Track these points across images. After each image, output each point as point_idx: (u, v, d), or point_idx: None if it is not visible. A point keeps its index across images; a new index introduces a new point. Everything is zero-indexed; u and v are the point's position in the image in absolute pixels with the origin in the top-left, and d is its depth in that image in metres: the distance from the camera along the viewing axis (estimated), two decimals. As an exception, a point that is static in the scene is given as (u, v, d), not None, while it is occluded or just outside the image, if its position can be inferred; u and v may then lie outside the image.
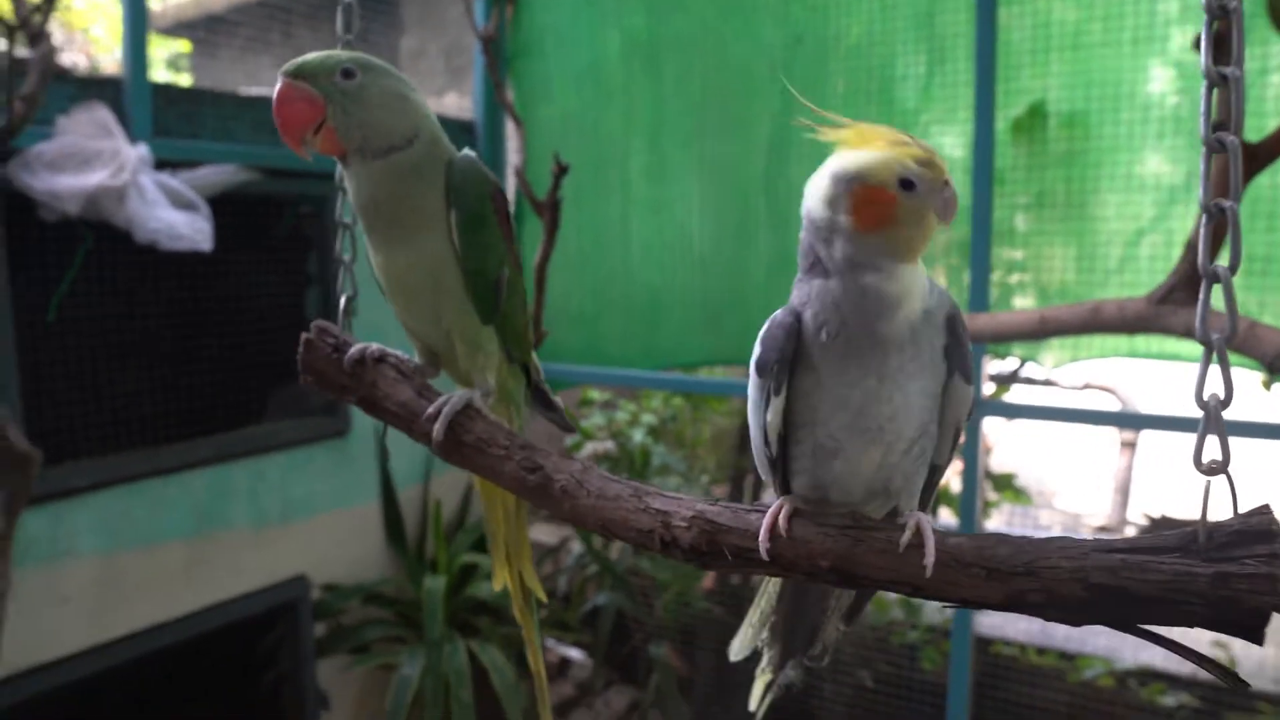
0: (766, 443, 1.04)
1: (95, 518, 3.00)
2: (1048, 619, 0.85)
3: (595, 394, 5.08)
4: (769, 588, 1.21)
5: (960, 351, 1.00)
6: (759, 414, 1.03)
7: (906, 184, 0.93)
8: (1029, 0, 2.97)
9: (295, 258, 3.67)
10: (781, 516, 0.96)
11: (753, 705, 1.25)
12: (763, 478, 1.10)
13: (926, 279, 0.99)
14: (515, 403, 1.35)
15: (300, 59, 1.13)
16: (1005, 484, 4.57)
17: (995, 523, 5.03)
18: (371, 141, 1.14)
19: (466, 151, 1.22)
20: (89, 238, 2.91)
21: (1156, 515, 4.00)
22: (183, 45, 6.13)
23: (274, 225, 3.61)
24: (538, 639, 1.44)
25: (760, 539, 0.96)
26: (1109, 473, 5.77)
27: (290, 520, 3.58)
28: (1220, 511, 0.82)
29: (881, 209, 0.93)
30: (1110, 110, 2.89)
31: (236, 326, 3.52)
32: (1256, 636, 0.78)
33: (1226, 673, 0.84)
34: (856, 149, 0.97)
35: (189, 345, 3.39)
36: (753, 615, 1.23)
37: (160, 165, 2.93)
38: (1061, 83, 2.96)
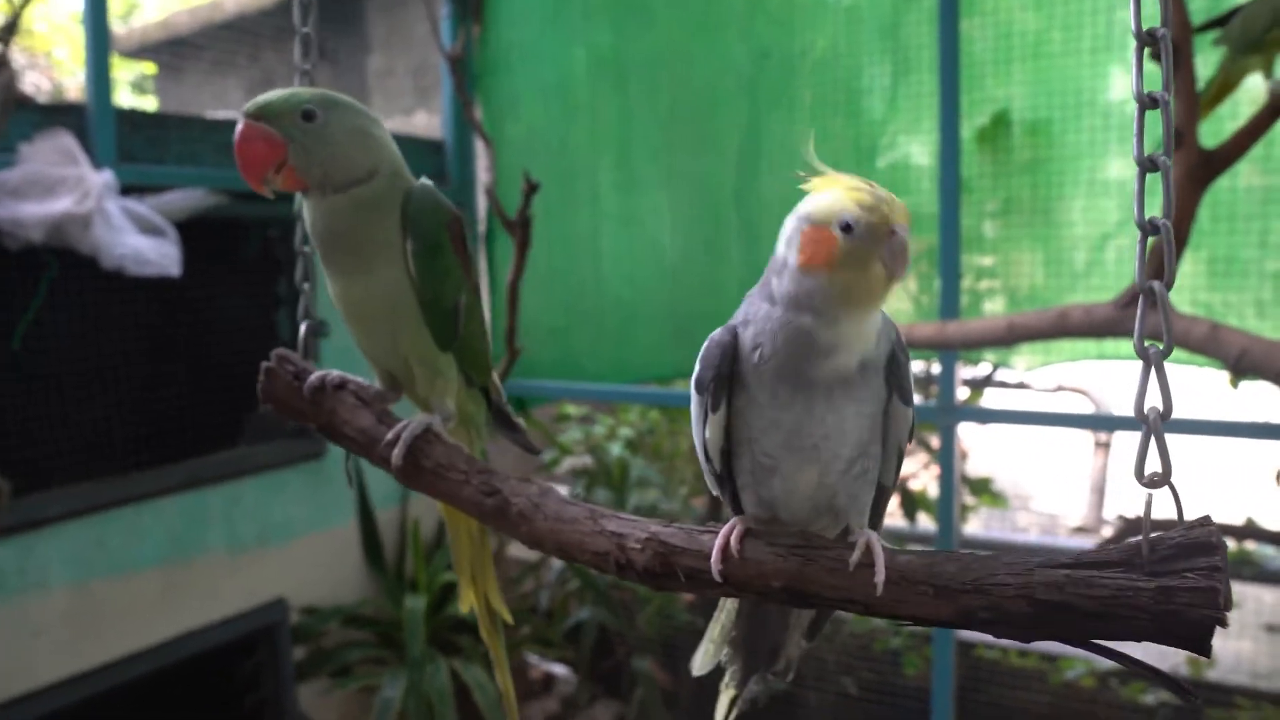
0: (709, 458, 1.06)
1: (67, 548, 2.96)
2: (997, 635, 0.85)
3: (572, 409, 5.08)
4: (728, 604, 1.22)
5: (898, 375, 0.99)
6: (700, 430, 1.05)
7: (846, 227, 0.91)
8: (990, 11, 3.01)
9: (264, 280, 3.65)
10: (733, 538, 0.97)
11: (718, 718, 1.25)
12: (714, 493, 1.11)
13: (877, 325, 0.97)
14: (476, 425, 1.36)
15: (262, 99, 1.14)
16: (982, 488, 4.60)
17: (973, 527, 5.06)
18: (332, 177, 1.15)
19: (424, 181, 1.23)
20: (54, 265, 2.88)
21: (1131, 516, 4.03)
22: (147, 68, 6.09)
23: (242, 248, 3.59)
24: (505, 659, 1.44)
25: (712, 560, 0.97)
26: (1084, 473, 5.82)
27: (267, 544, 3.55)
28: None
29: (820, 249, 0.93)
30: (1072, 118, 2.93)
31: (207, 350, 3.49)
32: (1203, 649, 0.77)
33: (1179, 686, 0.84)
34: (821, 192, 0.98)
35: (159, 370, 3.36)
36: (713, 630, 1.23)
37: (126, 190, 2.91)
38: (1024, 91, 3.00)
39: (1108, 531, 5.40)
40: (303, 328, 1.36)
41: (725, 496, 1.10)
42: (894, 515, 4.41)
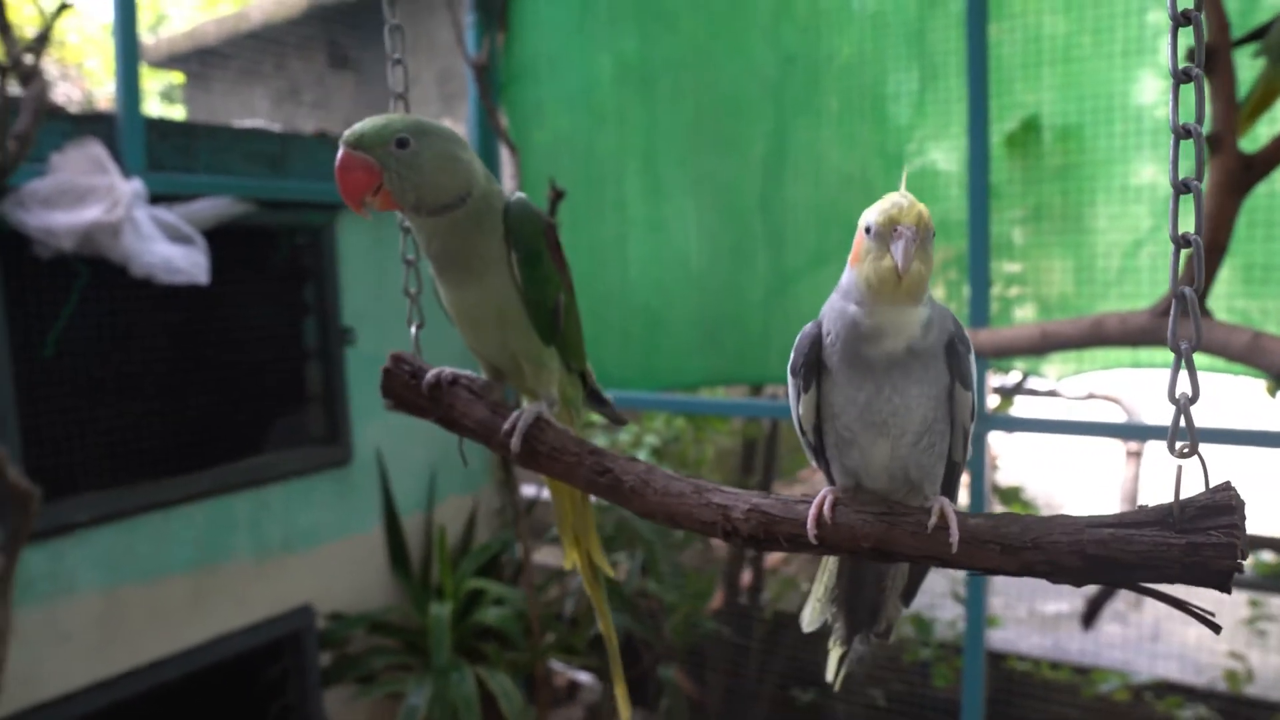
0: (804, 432, 1.22)
1: (96, 553, 2.98)
2: (1054, 582, 1.01)
3: (597, 416, 5.06)
4: (828, 564, 1.35)
5: (958, 362, 1.13)
6: (795, 408, 1.20)
7: (867, 229, 1.07)
8: (1019, 15, 2.97)
9: (292, 288, 3.67)
10: (826, 506, 1.11)
11: (829, 677, 1.38)
12: (813, 464, 1.27)
13: (923, 318, 1.10)
14: (575, 407, 1.49)
15: (359, 128, 1.22)
16: (1012, 497, 4.54)
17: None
18: (426, 201, 1.24)
19: (519, 194, 1.34)
20: (85, 273, 2.91)
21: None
22: (176, 77, 6.17)
23: (270, 256, 3.62)
24: (607, 609, 1.58)
25: (808, 526, 1.11)
26: (1116, 483, 5.73)
27: (293, 550, 3.57)
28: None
29: (855, 248, 1.09)
30: (1104, 122, 2.89)
31: (235, 358, 3.52)
32: (1225, 587, 0.93)
33: (1206, 619, 0.98)
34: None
35: (188, 378, 3.39)
36: (817, 589, 1.37)
37: (155, 199, 2.94)
38: (1054, 96, 2.96)
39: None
40: (413, 330, 1.46)
41: (821, 467, 1.25)
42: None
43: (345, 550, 3.78)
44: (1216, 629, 0.99)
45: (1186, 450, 0.95)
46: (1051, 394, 4.82)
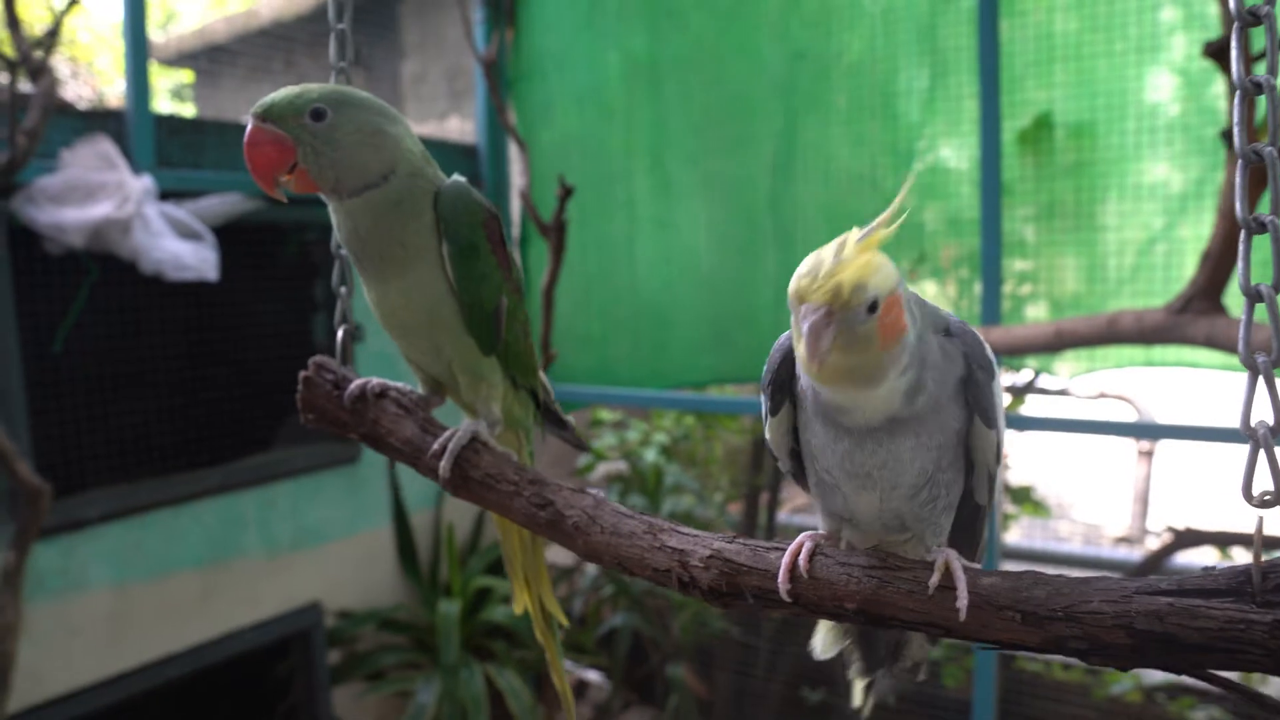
0: (776, 459, 1.03)
1: (106, 549, 2.99)
2: (1092, 664, 0.80)
3: (606, 414, 5.06)
4: None
5: (978, 396, 0.93)
6: (765, 429, 1.02)
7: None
8: (1030, 12, 2.95)
9: (301, 284, 3.67)
10: (802, 556, 0.92)
11: (855, 704, 1.22)
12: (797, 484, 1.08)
13: (900, 389, 0.89)
14: (524, 428, 1.31)
15: (269, 99, 1.08)
16: (1024, 496, 4.52)
17: (1014, 536, 4.97)
18: (345, 181, 1.10)
19: (456, 177, 1.18)
20: (94, 270, 2.92)
21: (1180, 527, 3.93)
22: (185, 75, 6.18)
23: (279, 253, 3.62)
24: (560, 661, 1.41)
25: (780, 580, 0.92)
26: (1128, 483, 5.70)
27: (302, 547, 3.57)
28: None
29: None
30: (1116, 119, 2.87)
31: (244, 354, 3.52)
32: None
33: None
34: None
35: (197, 374, 3.39)
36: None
37: (164, 196, 2.94)
38: (1066, 93, 2.94)
39: (1152, 542, 5.29)
40: (340, 333, 1.31)
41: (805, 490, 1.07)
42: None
43: (354, 547, 3.78)
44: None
45: (1269, 498, 0.73)
46: (1062, 393, 4.80)
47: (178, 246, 2.86)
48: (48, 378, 2.92)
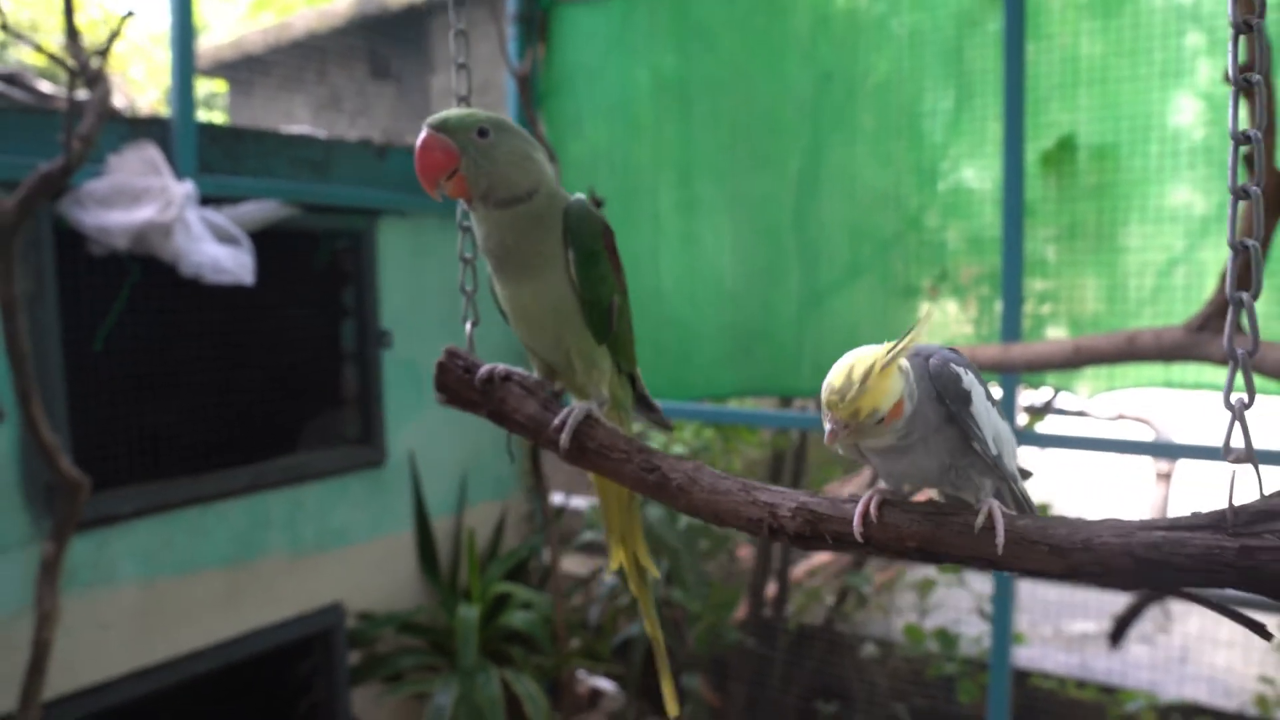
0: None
1: (137, 544, 3.06)
2: (1102, 586, 1.00)
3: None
4: None
5: (960, 416, 1.10)
6: None
7: None
8: (1056, 35, 3.00)
9: (332, 291, 3.74)
10: (872, 506, 1.10)
11: None
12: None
13: (895, 429, 1.07)
14: (625, 408, 1.50)
15: (444, 114, 1.27)
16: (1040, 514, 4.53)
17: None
18: (496, 192, 1.28)
19: (579, 196, 1.38)
20: (136, 271, 3.00)
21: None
22: (219, 85, 6.30)
23: (312, 260, 3.69)
24: (653, 610, 1.59)
25: (855, 524, 1.10)
26: (1145, 504, 5.70)
27: (326, 549, 3.63)
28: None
29: None
30: (1140, 142, 2.91)
31: (275, 357, 3.59)
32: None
33: (1256, 626, 0.98)
34: None
35: (230, 375, 3.46)
36: None
37: (204, 201, 3.02)
38: (1090, 116, 2.99)
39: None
40: (468, 326, 1.49)
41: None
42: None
43: (376, 550, 3.84)
44: (1268, 636, 0.98)
45: (1240, 457, 0.95)
46: (1080, 414, 4.81)
47: (217, 250, 2.93)
48: (87, 375, 3.00)
